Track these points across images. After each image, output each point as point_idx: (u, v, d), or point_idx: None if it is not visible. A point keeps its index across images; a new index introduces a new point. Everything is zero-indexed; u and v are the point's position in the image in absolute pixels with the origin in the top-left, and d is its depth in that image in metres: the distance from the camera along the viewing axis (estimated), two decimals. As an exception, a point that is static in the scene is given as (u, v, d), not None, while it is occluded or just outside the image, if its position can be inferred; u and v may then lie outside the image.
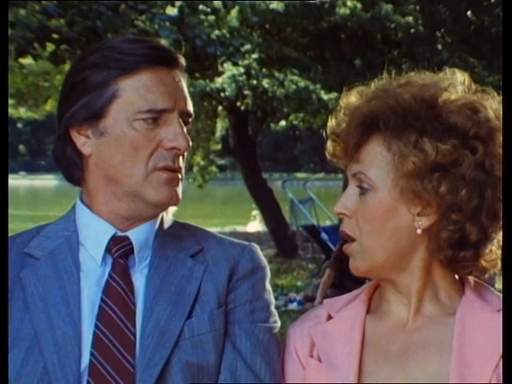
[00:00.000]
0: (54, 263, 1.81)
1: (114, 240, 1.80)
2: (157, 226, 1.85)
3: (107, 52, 1.80)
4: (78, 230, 1.84)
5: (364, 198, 1.69)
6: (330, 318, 1.81)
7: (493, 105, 1.70)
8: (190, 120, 1.82)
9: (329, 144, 1.76)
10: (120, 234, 1.81)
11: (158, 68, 1.78)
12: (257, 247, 1.90)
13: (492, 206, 1.66)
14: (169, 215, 1.90)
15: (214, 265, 1.82)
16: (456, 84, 1.72)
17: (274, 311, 1.87)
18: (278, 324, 1.86)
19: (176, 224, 1.90)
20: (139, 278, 1.80)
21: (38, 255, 1.82)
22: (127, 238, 1.81)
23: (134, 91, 1.76)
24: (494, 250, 1.70)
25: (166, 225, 1.88)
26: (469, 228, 1.66)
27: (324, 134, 1.79)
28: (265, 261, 1.90)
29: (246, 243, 1.90)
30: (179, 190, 1.80)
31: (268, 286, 1.88)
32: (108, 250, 1.80)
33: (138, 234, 1.82)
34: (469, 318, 1.68)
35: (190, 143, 1.78)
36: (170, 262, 1.82)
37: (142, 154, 1.75)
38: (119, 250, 1.80)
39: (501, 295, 1.69)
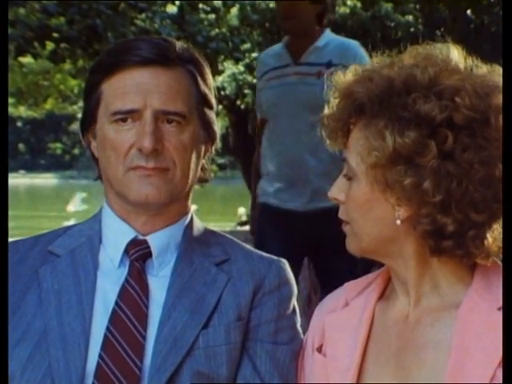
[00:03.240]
0: (73, 261, 1.82)
1: (133, 243, 1.81)
2: (182, 230, 1.84)
3: (101, 56, 1.84)
4: (101, 231, 1.85)
5: (350, 185, 1.66)
6: (346, 304, 1.77)
7: (483, 87, 1.60)
8: (179, 118, 1.78)
9: (322, 124, 1.71)
10: (140, 237, 1.81)
11: (136, 68, 1.76)
12: (285, 262, 1.87)
13: (464, 197, 1.56)
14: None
15: (239, 277, 1.81)
16: (444, 64, 1.64)
17: (299, 331, 1.84)
18: (301, 344, 1.83)
19: (207, 231, 1.90)
20: (159, 282, 1.79)
21: (60, 253, 1.84)
22: (146, 242, 1.81)
23: (109, 94, 1.78)
24: (488, 236, 1.60)
25: (196, 230, 1.87)
26: (441, 220, 1.57)
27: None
28: (292, 278, 1.87)
29: (275, 258, 1.87)
30: (162, 187, 1.77)
31: (294, 304, 1.85)
32: (127, 252, 1.81)
33: (157, 239, 1.81)
34: (470, 318, 1.60)
35: (154, 144, 1.73)
36: (195, 268, 1.81)
37: (118, 154, 1.76)
38: (136, 253, 1.80)
39: None
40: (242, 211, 19.57)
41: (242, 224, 18.75)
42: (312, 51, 4.23)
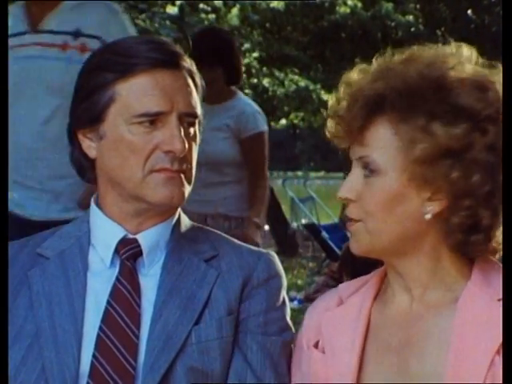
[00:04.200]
0: (62, 263, 1.82)
1: (123, 242, 1.80)
2: (171, 228, 1.84)
3: (107, 54, 1.81)
4: (90, 231, 1.84)
5: (370, 182, 1.65)
6: (340, 303, 1.78)
7: (500, 80, 1.66)
8: (194, 120, 1.80)
9: (330, 125, 1.71)
10: (130, 236, 1.81)
11: (156, 70, 1.76)
12: (274, 255, 1.88)
13: (504, 188, 1.61)
14: None
15: (228, 272, 1.81)
16: (463, 61, 1.68)
17: (289, 323, 1.85)
18: (292, 335, 1.84)
19: (194, 227, 1.90)
20: (150, 281, 1.80)
21: (49, 255, 1.83)
22: (136, 241, 1.81)
23: (130, 95, 1.75)
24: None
25: (184, 227, 1.87)
26: (481, 213, 1.61)
27: (328, 123, 1.73)
28: (282, 270, 1.87)
29: (264, 251, 1.88)
30: (183, 189, 1.78)
31: (284, 297, 1.86)
32: (117, 252, 1.80)
33: (147, 237, 1.81)
34: (469, 309, 1.63)
35: (187, 146, 1.76)
36: (184, 265, 1.81)
37: (139, 157, 1.75)
38: (127, 252, 1.80)
39: None
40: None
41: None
42: (56, 15, 3.30)
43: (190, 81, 1.80)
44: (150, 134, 1.75)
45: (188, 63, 1.81)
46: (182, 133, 1.75)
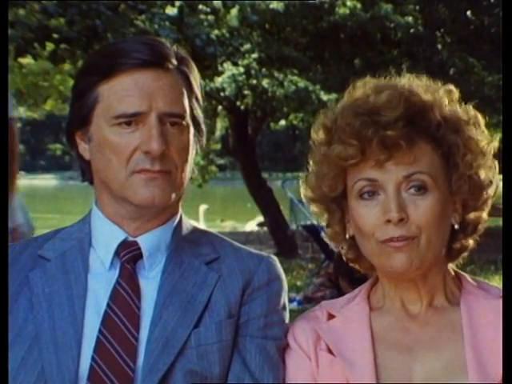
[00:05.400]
0: (63, 264, 1.82)
1: (123, 245, 1.81)
2: (172, 231, 1.84)
3: (95, 57, 1.83)
4: (91, 233, 1.84)
5: (422, 198, 1.72)
6: (331, 316, 1.81)
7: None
8: (180, 120, 1.79)
9: (345, 148, 1.73)
10: (130, 239, 1.81)
11: (137, 70, 1.76)
12: (275, 259, 1.89)
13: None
14: (200, 215, 1.88)
15: (228, 275, 1.81)
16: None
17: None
18: None
19: (195, 230, 1.90)
20: (150, 283, 1.80)
21: (50, 256, 1.84)
22: (136, 243, 1.81)
23: (111, 96, 1.76)
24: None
25: (185, 230, 1.87)
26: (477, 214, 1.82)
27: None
28: (282, 274, 1.88)
29: (265, 254, 1.89)
30: (167, 190, 1.77)
31: (284, 300, 1.86)
32: (117, 254, 1.80)
33: (147, 240, 1.81)
34: (474, 306, 1.75)
35: (162, 147, 1.74)
36: (185, 267, 1.81)
37: (121, 158, 1.75)
38: (127, 255, 1.80)
39: (496, 286, 1.82)
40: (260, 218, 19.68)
41: (262, 225, 18.96)
42: None
43: (178, 81, 1.79)
44: (131, 135, 1.75)
45: (176, 63, 1.80)
46: (162, 133, 1.74)
